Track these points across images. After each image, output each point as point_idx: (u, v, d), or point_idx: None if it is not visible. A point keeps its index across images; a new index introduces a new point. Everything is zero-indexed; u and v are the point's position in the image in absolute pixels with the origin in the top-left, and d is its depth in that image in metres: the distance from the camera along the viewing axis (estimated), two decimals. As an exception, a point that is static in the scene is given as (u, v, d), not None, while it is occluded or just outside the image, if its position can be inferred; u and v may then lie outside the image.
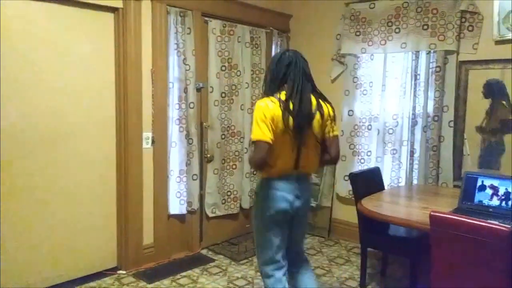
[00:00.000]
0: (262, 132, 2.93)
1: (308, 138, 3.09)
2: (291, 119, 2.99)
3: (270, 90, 3.16)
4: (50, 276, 4.30)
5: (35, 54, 4.04)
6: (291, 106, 3.01)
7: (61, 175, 4.31)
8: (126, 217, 4.73)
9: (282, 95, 3.06)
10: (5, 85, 3.87)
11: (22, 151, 4.03)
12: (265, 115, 2.96)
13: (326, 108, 3.24)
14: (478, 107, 4.83)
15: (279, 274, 3.21)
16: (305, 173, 3.24)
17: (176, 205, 5.14)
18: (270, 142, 2.94)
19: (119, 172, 4.72)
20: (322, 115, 3.17)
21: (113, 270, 4.76)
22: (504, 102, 4.67)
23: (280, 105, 2.99)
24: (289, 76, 3.13)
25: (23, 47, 3.96)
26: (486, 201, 3.62)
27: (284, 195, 3.11)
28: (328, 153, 3.24)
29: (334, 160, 3.31)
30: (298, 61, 3.22)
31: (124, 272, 4.74)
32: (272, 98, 3.05)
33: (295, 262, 3.42)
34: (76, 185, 4.43)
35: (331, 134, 3.24)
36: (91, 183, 4.55)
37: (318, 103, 3.18)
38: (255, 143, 2.98)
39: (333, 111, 3.31)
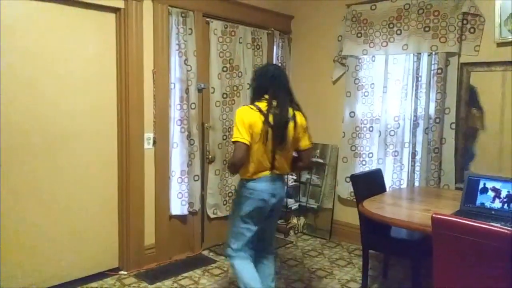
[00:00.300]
0: (241, 135, 3.39)
1: (283, 144, 3.50)
2: (269, 128, 3.43)
3: (252, 99, 3.62)
4: (51, 276, 4.30)
5: (36, 55, 4.05)
6: (270, 117, 3.44)
7: (62, 176, 4.32)
8: (127, 218, 4.74)
9: (263, 105, 3.49)
10: (5, 86, 3.87)
11: (24, 152, 4.03)
12: (244, 121, 3.41)
13: (300, 118, 3.64)
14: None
15: (243, 253, 3.66)
16: (279, 174, 3.65)
17: (178, 206, 5.14)
18: (248, 143, 3.40)
19: (120, 173, 4.72)
20: (295, 125, 3.58)
21: (115, 270, 4.77)
22: (474, 110, 4.81)
23: (259, 113, 3.44)
24: (270, 88, 3.55)
25: (23, 48, 3.97)
26: (488, 204, 3.61)
27: (261, 194, 3.53)
28: (301, 161, 3.74)
29: (306, 167, 3.85)
30: (280, 75, 3.65)
31: (125, 272, 4.74)
32: (252, 106, 3.50)
33: (263, 251, 3.84)
34: (77, 186, 4.43)
35: (304, 146, 3.70)
36: (92, 184, 4.55)
37: (294, 114, 3.58)
38: (234, 144, 3.43)
39: (306, 122, 3.71)
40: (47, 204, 4.22)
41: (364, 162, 5.70)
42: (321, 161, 6.14)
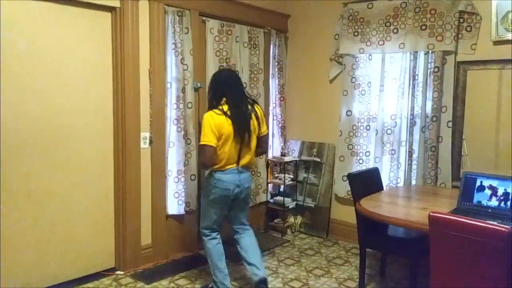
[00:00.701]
0: (208, 139, 3.88)
1: (247, 140, 4.05)
2: (234, 128, 3.94)
3: (213, 104, 4.06)
4: (47, 276, 4.30)
5: (31, 54, 4.04)
6: (235, 118, 3.95)
7: (58, 175, 4.31)
8: (124, 218, 4.73)
9: (226, 108, 3.98)
10: (1, 84, 3.87)
11: (18, 151, 4.02)
12: (211, 124, 3.89)
13: (258, 111, 4.20)
14: (476, 107, 4.85)
15: (214, 234, 4.26)
16: (245, 167, 4.17)
17: (174, 206, 5.14)
18: (215, 146, 3.91)
19: (116, 172, 4.72)
20: (256, 117, 4.14)
21: (111, 270, 4.76)
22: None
23: (224, 116, 3.93)
24: (228, 92, 4.04)
25: (18, 46, 3.96)
26: (485, 202, 3.62)
27: (227, 185, 4.05)
28: (260, 147, 4.27)
29: (264, 152, 4.58)
30: (233, 78, 4.16)
31: (122, 272, 4.74)
32: (216, 110, 3.97)
33: (239, 230, 4.37)
34: (73, 185, 4.43)
35: (263, 133, 4.22)
36: (89, 183, 4.55)
37: (252, 108, 4.15)
38: (202, 147, 3.94)
39: (262, 111, 4.28)
40: (41, 204, 4.21)
41: (361, 161, 5.70)
42: (318, 159, 6.15)
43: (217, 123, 3.90)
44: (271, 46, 6.21)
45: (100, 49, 4.54)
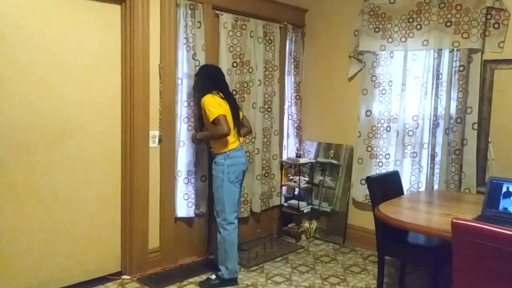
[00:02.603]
0: (219, 110, 4.42)
1: (239, 120, 4.78)
2: (230, 108, 4.60)
3: (205, 90, 4.59)
4: (49, 280, 4.32)
5: (37, 47, 4.06)
6: (229, 100, 4.66)
7: (63, 174, 4.33)
8: (131, 220, 4.75)
9: (216, 92, 4.59)
10: (4, 78, 3.89)
11: (21, 149, 4.04)
12: (215, 102, 4.48)
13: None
14: (503, 109, 4.82)
15: (237, 221, 4.72)
16: (241, 143, 4.79)
17: (184, 208, 5.15)
18: (226, 115, 4.46)
19: (124, 173, 4.74)
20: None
21: (117, 275, 4.78)
22: None
23: (221, 98, 4.55)
24: (219, 83, 4.74)
25: (25, 39, 3.98)
26: (511, 209, 3.60)
27: (240, 159, 4.67)
28: (246, 126, 4.98)
29: (250, 131, 5.16)
30: (221, 73, 4.89)
31: (128, 277, 4.76)
32: (214, 92, 4.56)
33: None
34: (78, 185, 4.45)
35: (243, 116, 4.97)
36: (95, 184, 4.57)
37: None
38: (217, 118, 4.39)
39: None
40: (45, 204, 4.23)
41: (380, 164, 5.69)
42: (335, 162, 6.15)
43: (218, 101, 4.50)
44: (287, 42, 6.21)
45: (109, 43, 4.56)
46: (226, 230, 4.62)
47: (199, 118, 4.89)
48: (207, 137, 4.78)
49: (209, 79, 4.71)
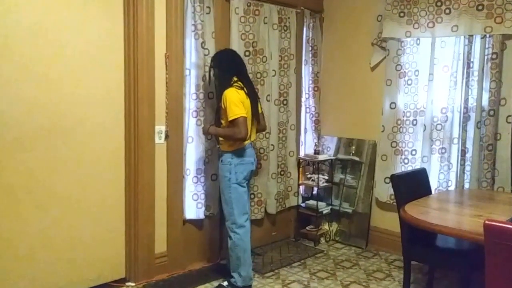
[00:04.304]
0: (241, 111, 4.40)
1: (256, 117, 4.75)
2: (252, 104, 4.60)
3: (224, 83, 4.60)
4: (51, 287, 4.33)
5: (35, 35, 4.05)
6: (251, 96, 4.62)
7: (62, 174, 4.33)
8: (135, 222, 4.76)
9: (241, 85, 4.58)
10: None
11: (17, 146, 4.04)
12: (238, 99, 4.44)
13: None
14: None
15: (248, 224, 4.72)
16: (252, 141, 4.78)
17: (193, 209, 5.16)
18: (247, 116, 4.47)
19: (128, 171, 4.75)
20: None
21: (121, 281, 4.80)
22: None
23: (243, 93, 4.53)
24: (240, 71, 4.70)
25: (21, 26, 3.97)
26: (550, 209, 3.57)
27: (249, 159, 4.67)
28: (260, 124, 4.92)
29: (264, 128, 5.16)
30: (241, 59, 4.85)
31: (133, 284, 4.78)
32: (236, 88, 4.53)
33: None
34: (79, 185, 4.45)
35: (261, 110, 4.93)
36: (96, 184, 4.58)
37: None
38: (238, 120, 4.37)
39: None
40: (44, 206, 4.24)
41: (406, 161, 5.67)
42: (356, 159, 6.13)
43: (241, 98, 4.48)
44: (304, 29, 6.21)
45: (110, 30, 4.55)
46: (237, 235, 4.62)
47: (217, 111, 4.80)
48: (220, 136, 4.68)
49: (227, 68, 4.66)
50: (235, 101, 4.40)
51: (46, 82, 4.15)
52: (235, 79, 4.59)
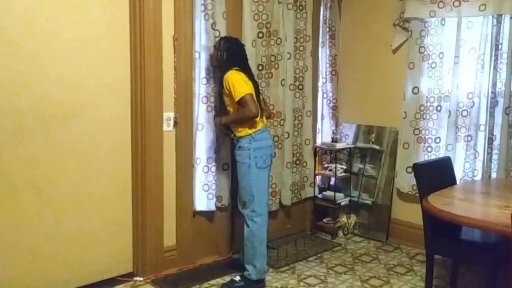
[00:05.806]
0: (246, 89, 4.48)
1: (260, 100, 4.80)
2: (254, 86, 4.69)
3: (227, 67, 4.64)
4: (53, 282, 4.38)
5: (31, 16, 4.05)
6: (251, 78, 4.71)
7: (65, 163, 4.36)
8: (143, 215, 4.79)
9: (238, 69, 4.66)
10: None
11: (19, 134, 4.06)
12: (241, 78, 4.53)
13: None
14: None
15: (267, 214, 4.84)
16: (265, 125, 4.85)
17: (203, 200, 5.18)
18: (253, 93, 4.54)
19: (135, 160, 4.77)
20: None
21: (129, 276, 4.85)
22: None
23: (244, 74, 4.61)
24: (243, 60, 4.80)
25: (18, 9, 3.97)
26: None
27: (267, 141, 4.75)
28: (265, 110, 4.96)
29: (270, 115, 5.28)
30: (244, 50, 4.90)
31: (141, 278, 4.83)
32: (237, 70, 4.60)
33: None
34: (83, 175, 4.48)
35: (262, 98, 5.03)
36: (102, 174, 4.60)
37: None
38: (244, 98, 4.43)
39: None
40: (47, 198, 4.27)
41: (429, 149, 5.67)
42: (376, 147, 6.14)
43: (243, 79, 4.57)
44: (321, 9, 6.20)
45: (115, 11, 4.55)
46: (255, 223, 4.67)
47: (220, 96, 4.84)
48: (233, 121, 4.68)
49: (233, 55, 4.74)
50: (238, 81, 4.49)
51: (47, 67, 4.16)
52: (236, 68, 4.62)
